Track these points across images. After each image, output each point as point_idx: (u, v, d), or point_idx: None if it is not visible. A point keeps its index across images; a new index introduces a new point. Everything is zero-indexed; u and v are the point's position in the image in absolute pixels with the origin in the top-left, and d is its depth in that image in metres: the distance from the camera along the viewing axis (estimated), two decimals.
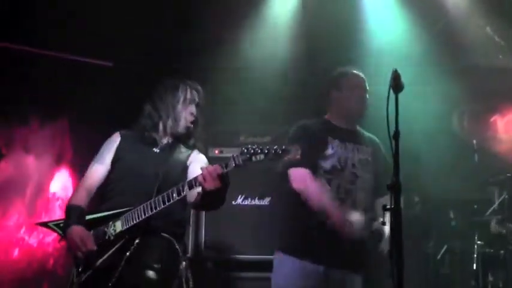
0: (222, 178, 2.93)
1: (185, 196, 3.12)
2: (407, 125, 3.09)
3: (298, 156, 2.91)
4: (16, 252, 5.65)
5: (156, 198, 3.07)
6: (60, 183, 6.03)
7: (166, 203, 3.05)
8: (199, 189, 3.03)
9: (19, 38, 5.54)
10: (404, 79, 2.99)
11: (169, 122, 3.40)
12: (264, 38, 5.79)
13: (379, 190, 3.62)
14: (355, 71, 3.88)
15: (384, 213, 3.43)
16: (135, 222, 3.10)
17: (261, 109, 5.70)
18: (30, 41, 5.61)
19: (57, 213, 5.86)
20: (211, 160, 5.51)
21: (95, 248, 3.15)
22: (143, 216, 3.08)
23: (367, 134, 3.88)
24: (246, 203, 5.41)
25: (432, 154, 5.97)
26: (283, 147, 2.88)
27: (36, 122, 5.83)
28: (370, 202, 3.68)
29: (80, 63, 5.75)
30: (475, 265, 5.51)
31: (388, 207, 2.82)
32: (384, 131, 2.92)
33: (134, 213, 3.11)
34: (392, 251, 2.75)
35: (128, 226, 3.12)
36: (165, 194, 3.06)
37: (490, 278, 5.53)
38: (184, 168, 3.40)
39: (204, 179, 2.91)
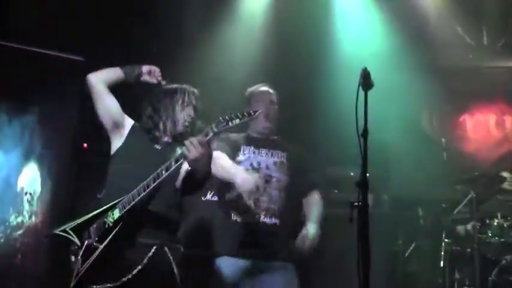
0: (203, 146, 3.12)
1: (174, 181, 3.37)
2: (377, 124, 3.12)
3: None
4: None
5: (147, 179, 3.20)
6: (29, 178, 5.96)
7: (157, 181, 3.18)
8: (186, 166, 3.26)
9: None
10: (374, 78, 3.03)
11: (169, 123, 3.56)
12: (233, 40, 5.80)
13: (296, 191, 3.98)
14: (263, 88, 4.13)
15: (310, 212, 3.93)
16: (130, 205, 3.23)
17: (227, 106, 5.69)
18: None
19: (26, 208, 5.79)
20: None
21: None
22: (137, 197, 3.21)
23: (287, 141, 4.14)
24: (215, 199, 5.41)
25: (401, 153, 6.04)
26: (250, 110, 3.13)
27: (4, 116, 5.75)
28: (286, 200, 3.91)
29: (50, 57, 5.67)
30: (442, 263, 5.58)
31: (355, 204, 2.85)
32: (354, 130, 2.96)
33: (129, 197, 3.24)
34: (359, 248, 2.77)
35: (124, 211, 3.24)
36: (154, 173, 3.19)
37: (457, 276, 5.62)
38: (180, 164, 3.45)
39: (188, 149, 3.09)
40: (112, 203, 3.29)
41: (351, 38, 5.79)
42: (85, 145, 6.13)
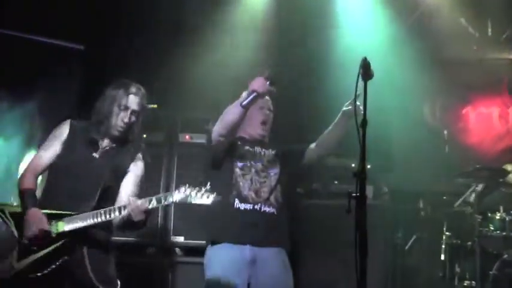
0: (145, 213, 3.34)
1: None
2: (378, 116, 3.09)
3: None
4: None
5: (99, 212, 3.34)
6: None
7: (107, 218, 3.35)
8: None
9: None
10: (375, 69, 3.00)
11: (105, 125, 3.56)
12: (236, 27, 5.75)
13: (289, 174, 4.09)
14: None
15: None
16: (76, 227, 3.34)
17: (230, 96, 5.66)
18: None
19: None
20: (181, 146, 5.58)
21: (47, 229, 3.33)
22: (85, 224, 3.34)
23: (276, 142, 4.19)
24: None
25: (403, 144, 5.99)
26: (215, 195, 3.34)
27: (5, 104, 5.73)
28: (282, 191, 4.00)
29: (51, 46, 5.64)
30: (443, 256, 5.56)
31: (353, 194, 2.83)
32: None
33: (77, 219, 3.34)
34: (357, 239, 2.75)
35: (68, 229, 3.34)
36: (107, 209, 3.34)
37: (457, 269, 5.59)
38: (124, 175, 3.61)
39: (133, 211, 3.29)
40: (56, 212, 3.34)
41: (353, 28, 5.74)
42: None
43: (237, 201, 3.88)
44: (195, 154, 5.31)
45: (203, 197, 3.32)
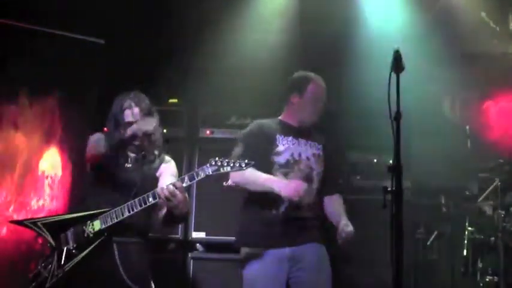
0: (181, 193, 3.29)
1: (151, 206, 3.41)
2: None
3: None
4: (4, 230, 5.57)
5: (133, 201, 3.32)
6: (49, 161, 5.95)
7: (143, 206, 3.31)
8: None
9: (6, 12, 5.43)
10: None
11: (119, 141, 3.61)
12: (256, 23, 5.74)
13: (325, 188, 3.92)
14: (319, 80, 3.97)
15: (341, 210, 3.86)
16: (113, 222, 3.34)
17: (252, 90, 5.65)
18: (19, 16, 5.50)
19: (46, 192, 5.78)
20: (202, 141, 5.57)
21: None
22: (121, 217, 3.34)
23: (322, 133, 4.04)
24: (239, 179, 5.38)
25: (424, 139, 5.95)
26: (246, 161, 3.24)
27: (25, 99, 5.72)
28: (320, 193, 3.91)
29: (71, 40, 5.63)
30: (465, 251, 5.52)
31: (389, 189, 2.81)
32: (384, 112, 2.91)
33: (112, 214, 3.35)
34: (393, 235, 2.72)
35: (106, 225, 3.35)
36: (141, 197, 3.32)
37: (480, 265, 5.55)
38: (155, 180, 3.64)
39: (170, 198, 3.26)
40: (91, 212, 3.38)
41: (376, 19, 5.71)
42: (105, 129, 6.10)
43: (283, 206, 3.75)
44: (216, 149, 5.28)
45: (236, 165, 3.24)
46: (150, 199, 3.28)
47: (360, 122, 5.71)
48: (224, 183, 5.32)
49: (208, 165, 3.26)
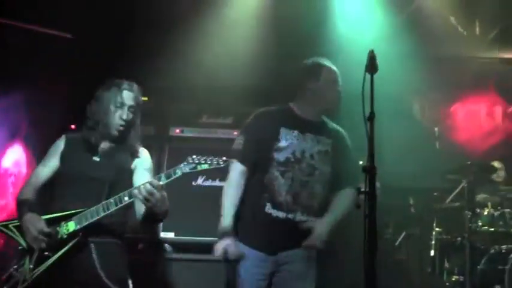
0: (158, 192, 3.15)
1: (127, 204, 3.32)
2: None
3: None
4: None
5: (108, 201, 3.24)
6: (13, 159, 5.82)
7: (118, 205, 3.23)
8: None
9: None
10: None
11: (101, 126, 3.46)
12: (228, 23, 5.72)
13: (336, 185, 3.64)
14: (331, 64, 3.74)
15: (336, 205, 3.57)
16: (88, 222, 3.25)
17: (224, 89, 5.62)
18: None
19: (10, 190, 5.66)
20: (171, 140, 5.51)
21: (46, 230, 3.25)
22: (96, 217, 3.24)
23: (332, 125, 3.75)
24: (206, 184, 5.34)
25: (393, 140, 5.99)
26: (224, 158, 3.19)
27: None
28: (327, 196, 3.62)
29: (39, 34, 5.52)
30: (432, 251, 5.58)
31: (362, 190, 2.77)
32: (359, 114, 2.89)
33: (87, 214, 3.25)
34: (366, 235, 2.69)
35: (80, 226, 3.25)
36: (116, 197, 3.23)
37: (446, 265, 5.63)
38: (130, 173, 3.51)
39: (147, 197, 3.13)
40: (65, 213, 3.26)
41: (348, 21, 5.74)
42: (73, 126, 5.99)
43: (268, 205, 3.49)
44: (186, 148, 5.23)
45: (213, 163, 3.17)
46: (126, 198, 3.20)
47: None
48: (193, 183, 5.29)
49: (185, 163, 3.18)
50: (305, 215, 3.50)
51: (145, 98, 5.40)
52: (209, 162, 3.16)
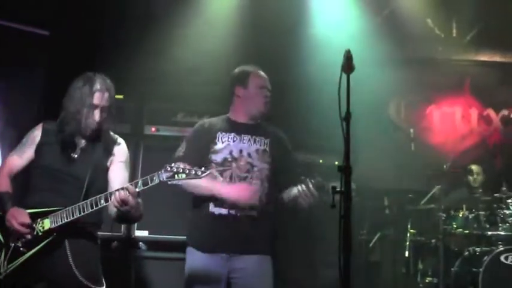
0: (133, 199, 3.14)
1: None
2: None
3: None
4: None
5: (84, 203, 3.23)
6: None
7: (94, 208, 3.21)
8: None
9: None
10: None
11: (75, 125, 3.40)
12: (205, 20, 5.70)
13: (278, 186, 3.77)
14: (259, 70, 3.92)
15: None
16: (63, 222, 3.24)
17: (201, 88, 5.58)
18: None
19: None
20: (147, 138, 5.48)
21: (28, 221, 3.24)
22: (71, 218, 3.23)
23: (270, 127, 3.92)
24: (182, 182, 5.30)
25: (368, 141, 6.02)
26: (203, 169, 3.16)
27: None
28: (266, 191, 3.72)
29: (14, 31, 5.43)
30: (407, 253, 5.61)
31: (338, 189, 2.79)
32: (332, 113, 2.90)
33: (63, 214, 3.24)
34: (341, 235, 2.69)
35: (55, 225, 3.24)
36: (93, 199, 3.22)
37: (420, 266, 5.66)
38: (107, 170, 3.50)
39: (123, 202, 3.12)
40: (41, 210, 3.25)
41: (325, 22, 5.75)
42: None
43: (211, 205, 3.64)
44: (161, 147, 5.20)
45: (191, 173, 3.13)
46: (102, 201, 3.18)
47: (306, 122, 5.72)
48: (169, 182, 5.25)
49: (163, 170, 3.14)
50: (246, 210, 3.61)
51: (121, 96, 5.38)
52: (187, 172, 3.13)
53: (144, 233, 5.27)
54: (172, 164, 3.12)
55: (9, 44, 5.41)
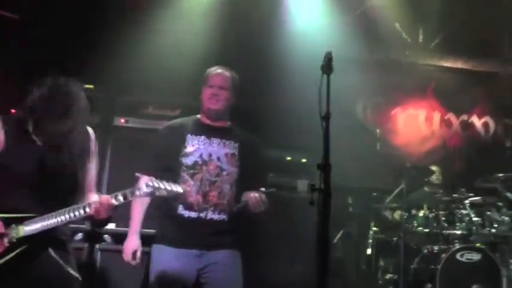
0: (110, 210, 3.15)
1: None
2: (311, 110, 3.13)
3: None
4: None
5: (62, 211, 3.12)
6: None
7: (72, 217, 3.13)
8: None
9: None
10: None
11: (41, 122, 3.26)
12: (180, 14, 5.70)
13: (244, 186, 3.78)
14: (219, 70, 3.90)
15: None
16: (37, 229, 3.13)
17: (173, 81, 5.58)
18: None
19: None
20: (116, 129, 5.44)
21: (1, 230, 3.11)
22: (48, 225, 3.13)
23: (241, 131, 3.94)
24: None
25: (335, 140, 6.10)
26: (180, 187, 3.19)
27: None
28: (236, 194, 3.75)
29: None
30: (369, 250, 5.72)
31: (316, 187, 2.83)
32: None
33: (38, 221, 3.13)
34: (319, 233, 2.74)
35: (30, 233, 3.12)
36: (71, 208, 3.12)
37: (382, 263, 5.78)
38: (78, 166, 3.36)
39: (98, 212, 3.10)
40: (14, 216, 3.12)
41: (299, 22, 5.82)
42: (12, 110, 5.83)
43: (180, 207, 3.64)
44: (130, 138, 5.18)
45: (172, 189, 3.15)
46: (81, 211, 3.10)
47: (279, 121, 5.76)
48: (136, 174, 5.22)
49: (144, 185, 3.11)
50: (216, 213, 3.65)
51: (91, 86, 5.35)
52: (168, 187, 3.13)
53: (110, 226, 5.24)
54: (153, 179, 3.07)
55: None
